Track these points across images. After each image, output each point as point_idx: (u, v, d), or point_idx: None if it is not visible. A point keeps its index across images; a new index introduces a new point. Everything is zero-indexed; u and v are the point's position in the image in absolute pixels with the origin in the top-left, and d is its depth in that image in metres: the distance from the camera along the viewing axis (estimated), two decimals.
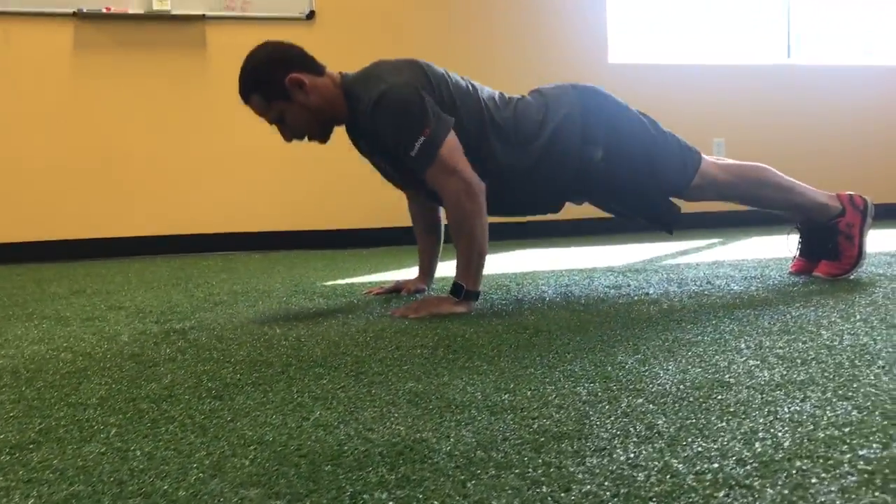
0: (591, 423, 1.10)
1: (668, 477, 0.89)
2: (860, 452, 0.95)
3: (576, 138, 2.20)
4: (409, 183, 2.29)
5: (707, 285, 2.43)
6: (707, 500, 0.83)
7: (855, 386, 1.24)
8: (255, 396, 1.30)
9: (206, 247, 4.24)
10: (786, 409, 1.13)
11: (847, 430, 1.04)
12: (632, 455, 0.97)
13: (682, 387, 1.27)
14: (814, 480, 0.87)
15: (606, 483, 0.88)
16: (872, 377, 1.29)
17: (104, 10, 4.00)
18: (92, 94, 4.10)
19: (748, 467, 0.91)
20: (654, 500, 0.84)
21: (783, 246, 2.93)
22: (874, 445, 0.98)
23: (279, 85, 2.10)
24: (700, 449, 0.99)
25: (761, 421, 1.09)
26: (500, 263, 3.27)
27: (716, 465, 0.92)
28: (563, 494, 0.86)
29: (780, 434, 1.03)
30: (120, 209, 4.16)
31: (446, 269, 2.52)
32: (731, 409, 1.14)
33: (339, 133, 2.26)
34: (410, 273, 2.65)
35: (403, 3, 4.49)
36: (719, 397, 1.21)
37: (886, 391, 1.21)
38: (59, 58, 4.05)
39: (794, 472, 0.90)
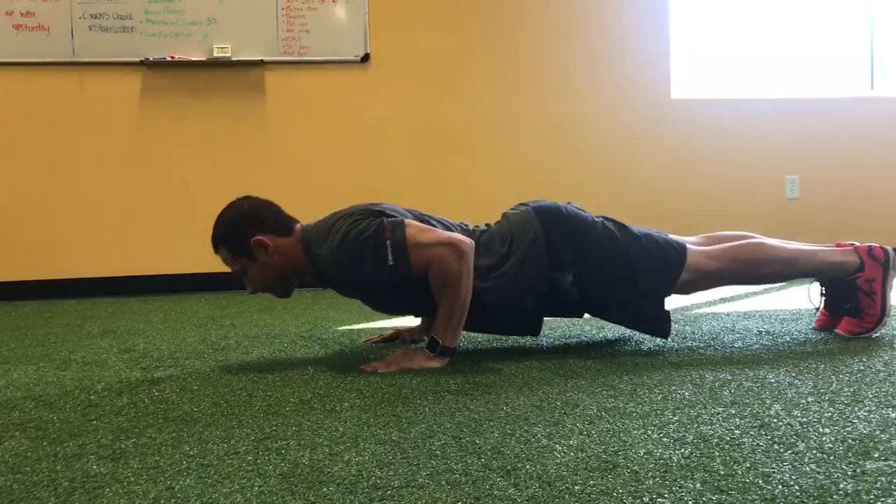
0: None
1: None
2: None
3: (542, 265, 2.18)
4: (398, 308, 2.35)
5: (712, 341, 2.33)
6: None
7: (733, 477, 1.17)
8: (148, 460, 1.34)
9: None
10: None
11: None
12: None
13: (547, 467, 1.23)
14: None
15: None
16: (768, 469, 1.21)
17: (169, 58, 4.22)
18: (158, 136, 4.32)
19: None
20: None
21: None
22: None
23: (244, 244, 2.18)
24: None
25: None
26: None
27: None
28: None
29: None
30: (182, 245, 4.35)
31: None
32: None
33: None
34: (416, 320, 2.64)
35: (457, 44, 4.52)
36: (576, 477, 1.16)
37: (763, 485, 1.13)
38: (129, 103, 4.29)
39: None
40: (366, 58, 4.43)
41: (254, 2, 4.33)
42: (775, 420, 1.47)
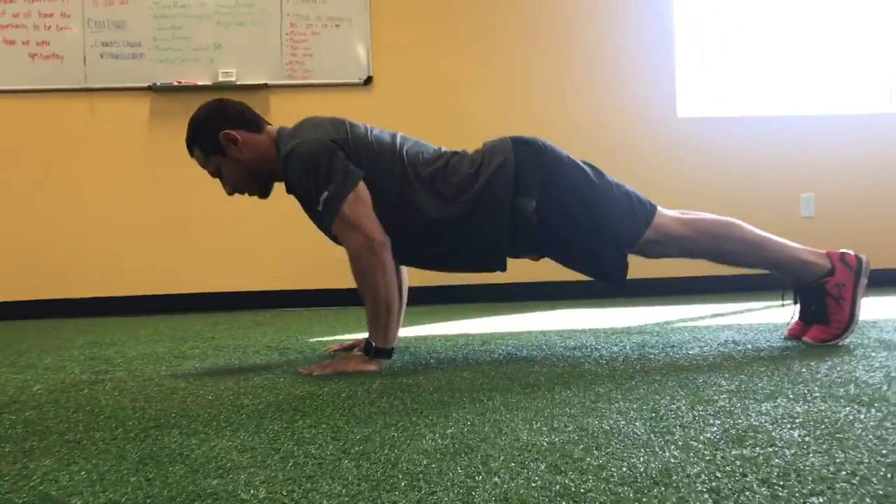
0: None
1: None
2: None
3: (508, 190, 2.14)
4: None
5: (666, 349, 2.28)
6: None
7: (583, 461, 1.14)
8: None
9: (275, 303, 4.41)
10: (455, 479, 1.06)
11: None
12: None
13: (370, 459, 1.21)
14: None
15: None
16: (624, 454, 1.17)
17: (175, 83, 4.34)
18: (165, 158, 4.42)
19: None
20: None
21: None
22: None
23: (214, 140, 2.20)
24: None
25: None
26: (500, 323, 3.20)
27: None
28: None
29: None
30: (190, 266, 4.43)
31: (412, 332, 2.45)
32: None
33: None
34: None
35: (459, 65, 4.56)
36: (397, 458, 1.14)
37: (610, 469, 1.10)
38: (138, 127, 4.42)
39: None
40: (368, 80, 4.49)
41: (258, 28, 4.43)
42: (671, 413, 1.43)
